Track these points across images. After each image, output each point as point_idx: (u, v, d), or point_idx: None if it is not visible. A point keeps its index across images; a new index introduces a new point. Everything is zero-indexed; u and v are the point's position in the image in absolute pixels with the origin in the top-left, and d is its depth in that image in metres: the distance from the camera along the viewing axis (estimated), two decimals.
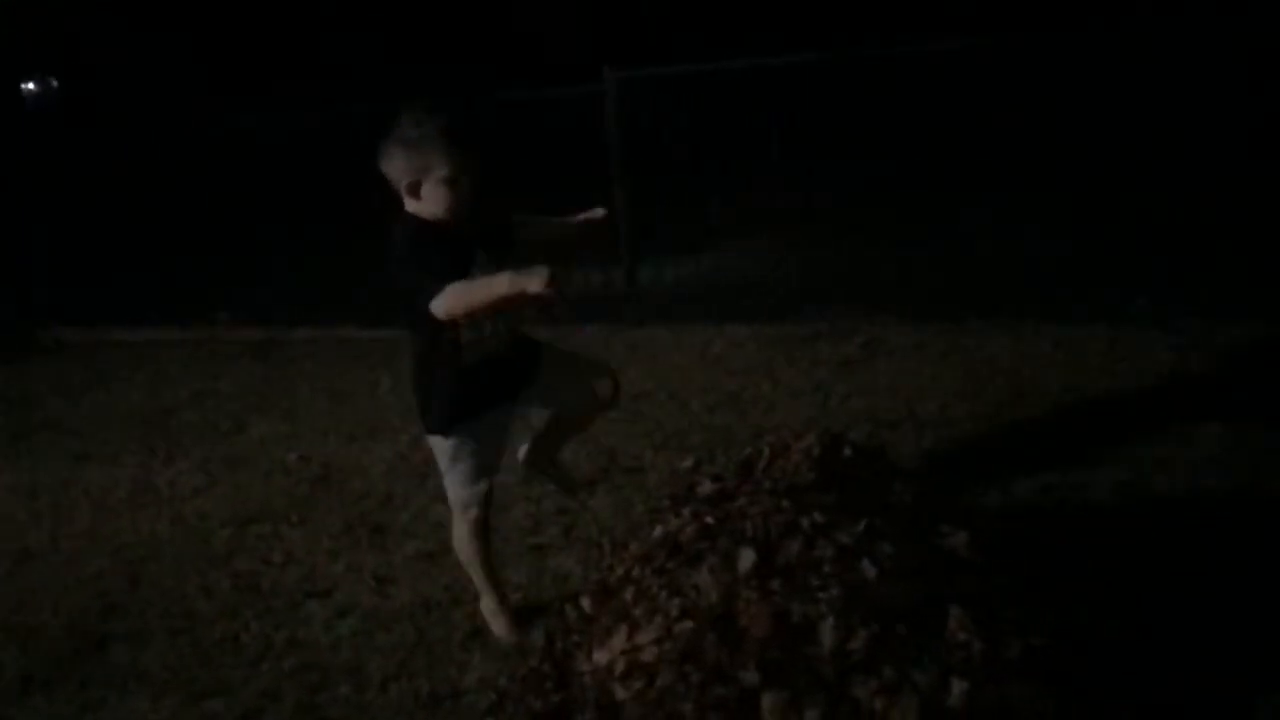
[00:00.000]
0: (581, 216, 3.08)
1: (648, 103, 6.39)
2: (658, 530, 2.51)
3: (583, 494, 3.75)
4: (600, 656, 2.20)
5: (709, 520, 2.42)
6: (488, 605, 3.08)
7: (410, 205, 2.69)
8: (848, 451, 2.78)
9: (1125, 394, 4.12)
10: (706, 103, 6.36)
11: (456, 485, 2.91)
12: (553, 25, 12.54)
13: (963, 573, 2.32)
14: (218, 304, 7.21)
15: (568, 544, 3.49)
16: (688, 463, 3.04)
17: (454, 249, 2.61)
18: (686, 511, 2.52)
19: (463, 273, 2.55)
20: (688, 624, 2.13)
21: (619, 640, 2.18)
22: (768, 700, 1.99)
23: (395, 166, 2.64)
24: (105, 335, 7.25)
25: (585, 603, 2.41)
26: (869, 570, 2.17)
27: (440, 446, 2.90)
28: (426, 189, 2.63)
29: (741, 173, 7.11)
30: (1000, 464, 3.62)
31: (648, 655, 2.12)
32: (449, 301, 2.49)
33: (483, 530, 2.99)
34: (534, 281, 2.35)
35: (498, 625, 3.04)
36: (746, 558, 2.22)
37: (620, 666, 2.15)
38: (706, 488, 2.63)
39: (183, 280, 7.58)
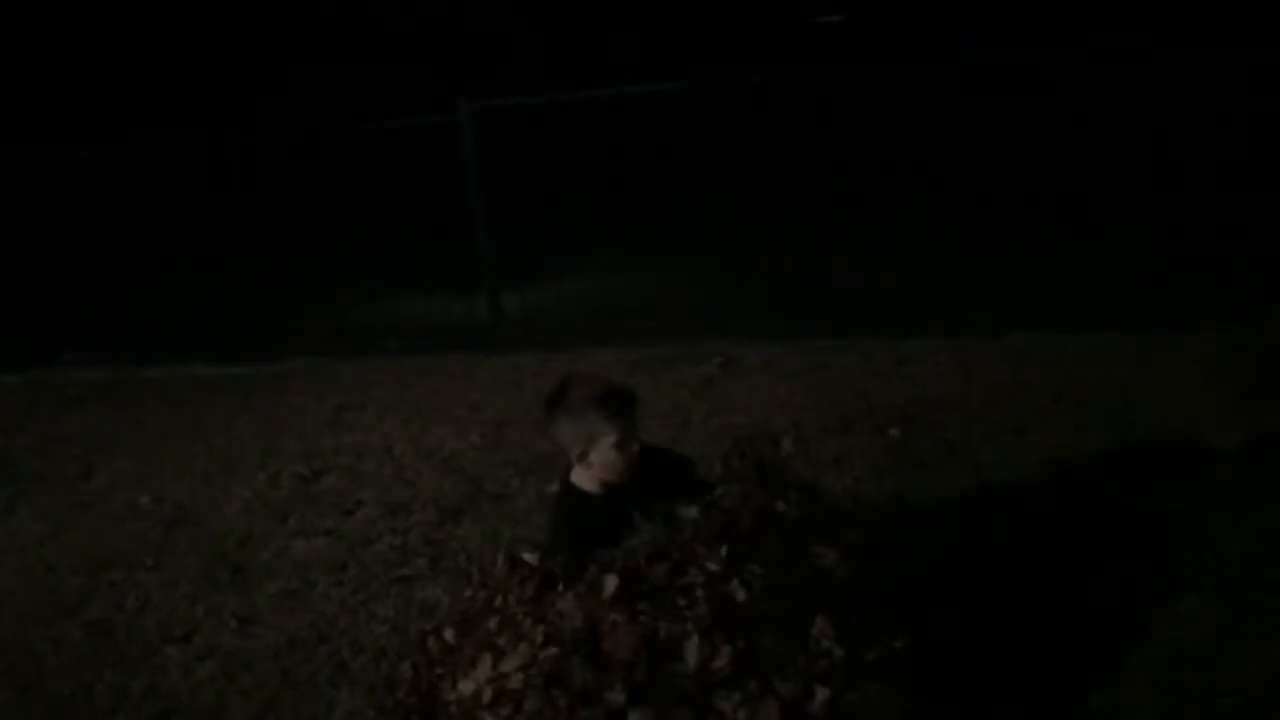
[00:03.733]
0: None
1: (504, 132, 6.43)
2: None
3: (449, 523, 3.75)
4: (466, 686, 2.21)
5: None
6: None
7: (579, 474, 2.72)
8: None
9: (967, 405, 4.33)
10: (563, 131, 6.44)
11: None
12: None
13: (828, 583, 2.42)
14: (61, 344, 6.92)
15: (435, 575, 3.49)
16: (554, 487, 3.07)
17: (610, 525, 2.59)
18: None
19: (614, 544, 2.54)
20: (553, 649, 2.16)
21: (484, 669, 2.20)
22: (634, 718, 2.04)
23: (564, 435, 2.67)
24: None
25: (448, 633, 2.41)
26: (739, 593, 2.24)
27: None
28: (596, 456, 2.65)
29: (603, 199, 7.19)
30: (852, 475, 3.79)
31: (514, 682, 2.14)
32: None
33: None
34: None
35: None
36: (610, 583, 2.28)
37: (487, 695, 2.16)
38: None
39: (21, 320, 7.23)
